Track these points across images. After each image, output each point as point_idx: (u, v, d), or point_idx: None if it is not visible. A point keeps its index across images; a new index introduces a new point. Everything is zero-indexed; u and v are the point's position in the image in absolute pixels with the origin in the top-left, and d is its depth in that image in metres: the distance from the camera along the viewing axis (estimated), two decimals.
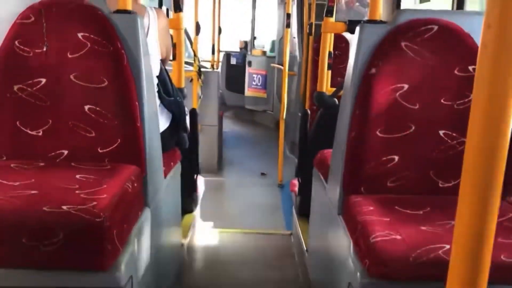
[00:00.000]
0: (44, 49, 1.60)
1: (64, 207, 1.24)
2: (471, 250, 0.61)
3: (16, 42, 1.61)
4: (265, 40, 8.35)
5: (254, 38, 8.08)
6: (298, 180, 3.06)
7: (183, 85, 2.52)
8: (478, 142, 0.59)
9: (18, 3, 1.63)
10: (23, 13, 1.61)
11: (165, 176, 1.98)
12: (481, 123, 0.58)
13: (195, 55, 4.08)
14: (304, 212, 2.78)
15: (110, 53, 1.58)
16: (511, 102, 0.58)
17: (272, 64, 6.75)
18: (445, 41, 1.58)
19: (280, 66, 5.18)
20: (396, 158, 1.59)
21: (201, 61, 5.39)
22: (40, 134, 1.62)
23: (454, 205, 1.57)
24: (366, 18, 1.75)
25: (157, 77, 2.11)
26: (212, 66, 5.32)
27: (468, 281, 0.62)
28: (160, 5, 5.76)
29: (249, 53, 7.89)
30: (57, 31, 1.61)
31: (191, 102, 3.79)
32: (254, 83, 7.63)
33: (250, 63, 7.63)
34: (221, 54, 7.15)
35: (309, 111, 3.11)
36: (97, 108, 1.60)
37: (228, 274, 2.66)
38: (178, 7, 2.40)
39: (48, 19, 1.61)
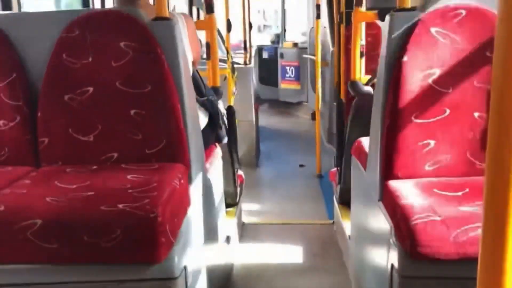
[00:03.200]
0: (90, 59, 1.71)
1: (120, 206, 1.34)
2: (501, 228, 0.64)
3: (64, 55, 1.72)
4: (296, 32, 8.36)
5: (285, 30, 8.10)
6: (337, 170, 3.10)
7: (218, 84, 2.60)
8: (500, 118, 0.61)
9: None
10: (67, 28, 1.72)
11: (208, 172, 2.06)
12: (501, 106, 0.61)
13: (228, 52, 4.15)
14: (345, 200, 2.82)
15: (151, 59, 1.67)
16: None
17: (304, 55, 6.76)
18: (474, 25, 1.59)
19: (312, 57, 5.20)
20: (433, 142, 1.62)
21: (234, 57, 5.48)
22: (91, 139, 1.73)
23: None
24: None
25: None
26: (245, 62, 5.39)
27: (498, 258, 0.66)
28: (191, 6, 5.88)
29: (280, 45, 7.92)
30: (100, 42, 1.71)
31: (227, 99, 3.87)
32: (287, 75, 7.67)
33: (282, 55, 7.67)
34: (253, 49, 7.21)
35: (344, 101, 3.14)
36: (142, 112, 1.69)
37: (275, 265, 2.74)
38: (210, 9, 2.47)
39: (91, 31, 1.71)
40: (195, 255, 1.67)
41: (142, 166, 1.65)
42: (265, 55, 8.11)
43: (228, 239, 2.60)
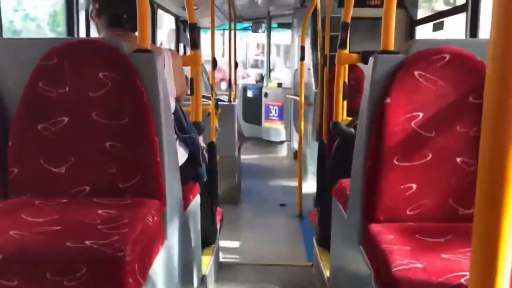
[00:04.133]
0: (67, 88, 1.66)
1: (87, 242, 1.27)
2: (489, 276, 0.61)
3: (40, 83, 1.67)
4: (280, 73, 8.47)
5: (270, 70, 8.19)
6: (318, 210, 3.05)
7: (200, 119, 2.57)
8: (490, 170, 0.60)
9: None
10: (46, 55, 1.68)
11: (185, 209, 2.00)
12: (491, 152, 0.60)
13: (212, 89, 4.15)
14: (324, 242, 2.76)
15: (130, 90, 1.63)
16: None
17: (288, 95, 6.81)
18: (458, 69, 1.59)
19: (296, 97, 5.23)
20: (414, 186, 1.59)
21: (218, 94, 5.49)
22: (63, 171, 1.66)
23: None
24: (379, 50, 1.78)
25: (172, 114, 2.15)
26: (229, 99, 5.40)
27: None
28: (178, 42, 5.92)
29: (265, 85, 7.99)
30: (79, 71, 1.67)
31: (209, 135, 3.85)
32: (271, 114, 7.70)
33: (266, 95, 7.73)
34: (238, 86, 7.27)
35: (326, 141, 3.12)
36: (118, 144, 1.64)
37: None
38: (195, 45, 2.47)
39: (70, 60, 1.67)
40: None
41: (115, 201, 1.58)
42: (249, 93, 8.16)
43: (203, 279, 2.51)
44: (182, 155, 2.24)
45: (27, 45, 1.79)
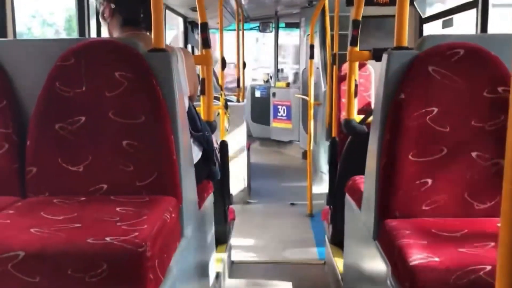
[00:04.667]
0: (84, 88, 1.68)
1: (107, 239, 1.28)
2: None
3: (57, 83, 1.69)
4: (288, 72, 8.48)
5: (278, 70, 8.20)
6: (330, 208, 3.05)
7: (212, 118, 2.59)
8: None
9: None
10: (63, 56, 1.70)
11: (200, 207, 2.01)
12: None
13: (221, 89, 4.17)
14: (337, 240, 2.77)
15: (146, 90, 1.65)
16: None
17: (296, 95, 6.82)
18: (472, 64, 1.60)
19: (305, 97, 5.25)
20: (430, 181, 1.59)
21: (227, 94, 5.51)
22: (81, 170, 1.68)
23: (491, 226, 1.56)
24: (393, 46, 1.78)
25: (186, 113, 2.17)
26: (238, 99, 5.42)
27: None
28: (186, 43, 5.95)
29: (273, 85, 8.01)
30: (95, 71, 1.69)
31: (219, 134, 3.86)
32: (279, 114, 7.71)
33: (274, 95, 7.74)
34: (247, 87, 7.29)
35: (337, 139, 3.13)
36: (135, 143, 1.65)
37: None
38: (206, 45, 2.48)
39: (86, 60, 1.69)
40: None
41: (132, 199, 1.60)
42: (257, 94, 8.18)
43: (218, 276, 2.52)
44: (196, 154, 2.25)
45: (44, 45, 1.81)
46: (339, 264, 2.61)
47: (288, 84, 7.78)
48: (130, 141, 1.66)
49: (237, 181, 4.65)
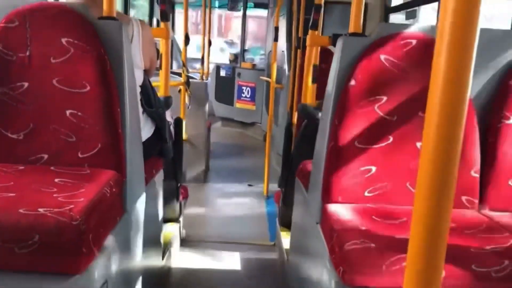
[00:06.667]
0: (27, 53, 1.61)
1: (41, 210, 1.24)
2: (425, 261, 0.63)
3: (0, 46, 1.61)
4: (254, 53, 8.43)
5: (244, 51, 8.13)
6: (282, 191, 3.07)
7: (168, 94, 2.54)
8: (431, 150, 0.61)
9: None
10: (7, 17, 1.62)
11: (146, 184, 1.98)
12: (433, 134, 0.61)
13: (184, 65, 4.10)
14: (287, 222, 2.79)
15: (93, 58, 1.59)
16: (461, 111, 0.60)
17: (260, 77, 6.80)
18: (422, 55, 1.61)
19: (269, 79, 5.23)
20: (374, 168, 1.61)
21: (191, 71, 5.43)
22: (21, 137, 1.62)
23: None
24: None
25: (140, 87, 2.12)
26: (202, 77, 5.35)
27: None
28: (151, 16, 5.82)
29: (238, 65, 7.94)
30: (41, 36, 1.62)
31: (179, 111, 3.81)
32: (243, 95, 7.67)
33: (239, 75, 7.69)
34: (211, 66, 7.19)
35: (294, 123, 3.13)
36: (79, 113, 1.60)
37: (210, 284, 2.66)
38: (164, 17, 2.42)
39: (32, 23, 1.62)
40: (122, 270, 1.58)
41: (73, 170, 1.55)
42: (222, 73, 8.10)
43: (165, 254, 2.50)
44: (148, 129, 2.21)
45: None
46: (286, 246, 2.63)
47: (254, 66, 7.73)
48: (73, 110, 1.60)
49: (196, 159, 4.62)
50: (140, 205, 1.85)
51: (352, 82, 1.60)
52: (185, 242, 3.16)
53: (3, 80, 1.62)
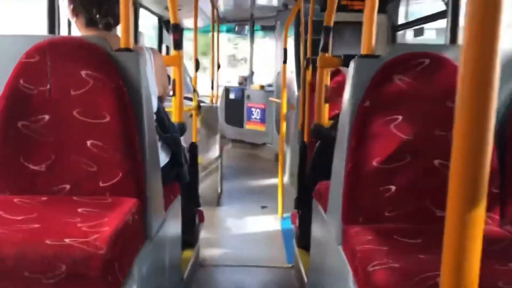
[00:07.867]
0: (48, 86, 1.65)
1: (66, 240, 1.26)
2: (458, 275, 0.64)
3: (21, 80, 1.66)
4: (263, 75, 8.49)
5: (252, 73, 8.21)
6: (298, 212, 3.07)
7: (182, 120, 2.57)
8: (462, 169, 0.62)
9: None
10: (28, 52, 1.66)
11: (166, 210, 2.00)
12: (463, 152, 0.62)
13: (194, 90, 4.15)
14: (304, 244, 2.78)
15: (112, 89, 1.63)
16: (490, 130, 0.61)
17: (270, 98, 6.84)
18: (436, 74, 1.63)
19: (278, 100, 5.26)
20: (393, 188, 1.61)
21: (201, 96, 5.49)
22: (43, 169, 1.65)
23: None
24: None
25: (154, 114, 2.15)
26: (212, 100, 5.40)
27: None
28: (160, 42, 5.90)
29: (247, 87, 8.00)
30: (61, 69, 1.66)
31: (191, 137, 3.85)
32: (253, 116, 7.71)
33: (248, 97, 7.74)
34: (220, 89, 7.26)
35: (307, 144, 3.14)
36: (99, 143, 1.63)
37: None
38: (178, 46, 2.47)
39: (52, 57, 1.66)
40: None
41: (95, 200, 1.57)
42: (232, 95, 8.16)
43: (184, 280, 2.50)
44: (164, 156, 2.24)
45: (8, 41, 1.77)
46: (305, 268, 2.62)
47: (262, 87, 7.79)
48: (94, 141, 1.63)
49: (209, 183, 4.63)
50: (161, 232, 1.86)
51: (367, 103, 1.62)
52: (202, 267, 3.15)
53: (24, 113, 1.66)
